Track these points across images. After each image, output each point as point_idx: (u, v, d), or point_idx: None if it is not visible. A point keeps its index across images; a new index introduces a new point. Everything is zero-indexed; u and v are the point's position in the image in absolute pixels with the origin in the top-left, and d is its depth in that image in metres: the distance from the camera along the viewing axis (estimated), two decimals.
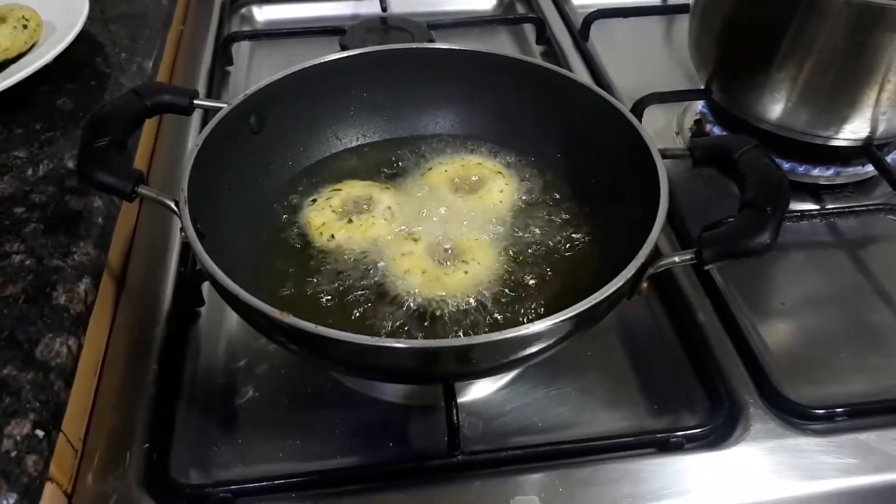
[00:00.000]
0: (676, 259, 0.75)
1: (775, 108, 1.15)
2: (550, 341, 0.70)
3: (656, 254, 0.75)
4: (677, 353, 0.95)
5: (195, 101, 0.92)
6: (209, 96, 1.34)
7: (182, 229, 0.77)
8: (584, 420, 0.88)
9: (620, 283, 0.71)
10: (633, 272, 0.72)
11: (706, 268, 0.72)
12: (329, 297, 0.86)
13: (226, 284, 0.70)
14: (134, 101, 0.88)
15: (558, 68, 1.03)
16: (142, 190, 0.80)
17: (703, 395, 0.90)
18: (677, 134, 1.35)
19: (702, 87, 1.29)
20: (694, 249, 0.74)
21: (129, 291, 0.99)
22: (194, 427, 0.86)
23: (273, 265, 0.90)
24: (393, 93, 1.07)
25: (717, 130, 1.29)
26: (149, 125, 1.21)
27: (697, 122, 1.35)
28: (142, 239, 1.06)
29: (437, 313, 0.82)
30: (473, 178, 1.01)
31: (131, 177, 0.80)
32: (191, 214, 0.77)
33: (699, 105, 1.35)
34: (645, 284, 0.75)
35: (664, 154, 0.86)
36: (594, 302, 0.69)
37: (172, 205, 0.79)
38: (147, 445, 0.80)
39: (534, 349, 0.70)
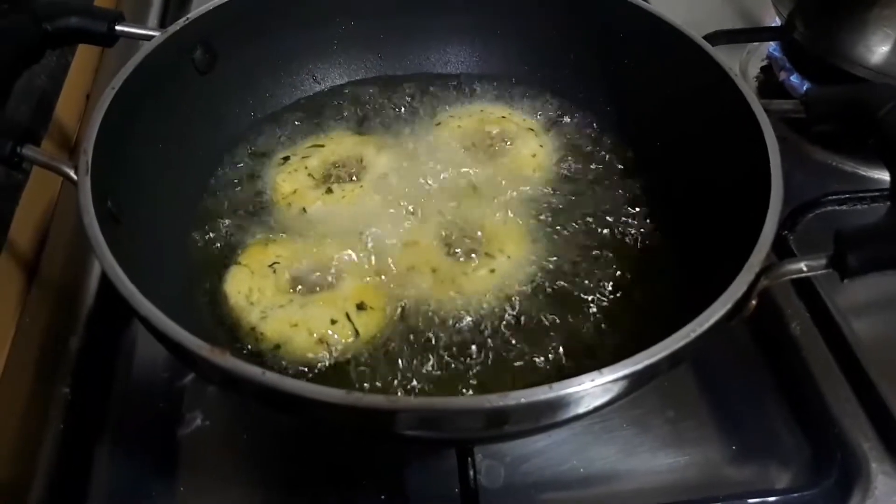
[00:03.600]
0: (803, 267, 0.52)
1: (881, 50, 0.91)
2: (621, 391, 0.48)
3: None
4: (762, 374, 0.74)
5: (117, 27, 0.69)
6: (163, 25, 1.08)
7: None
8: (639, 465, 0.68)
9: (727, 307, 0.48)
10: (743, 289, 0.49)
11: (846, 280, 0.48)
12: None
13: (134, 302, 0.47)
14: (27, 27, 0.64)
15: None
16: (27, 152, 0.57)
17: (800, 435, 0.70)
18: None
19: (776, 24, 1.07)
20: (829, 254, 0.51)
21: (43, 285, 0.76)
22: (119, 470, 0.67)
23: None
24: (389, 21, 0.85)
25: (794, 79, 1.05)
26: (85, 58, 0.95)
27: (765, 68, 1.11)
28: (63, 216, 0.83)
29: (453, 333, 0.63)
30: (497, 137, 0.79)
31: (11, 134, 0.57)
32: (95, 188, 0.56)
33: (768, 48, 1.11)
34: (753, 302, 0.52)
35: (768, 110, 0.63)
36: (691, 337, 0.46)
37: (71, 173, 0.56)
38: None
39: (598, 403, 0.48)
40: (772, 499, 0.63)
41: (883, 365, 0.70)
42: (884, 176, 0.81)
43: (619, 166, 0.77)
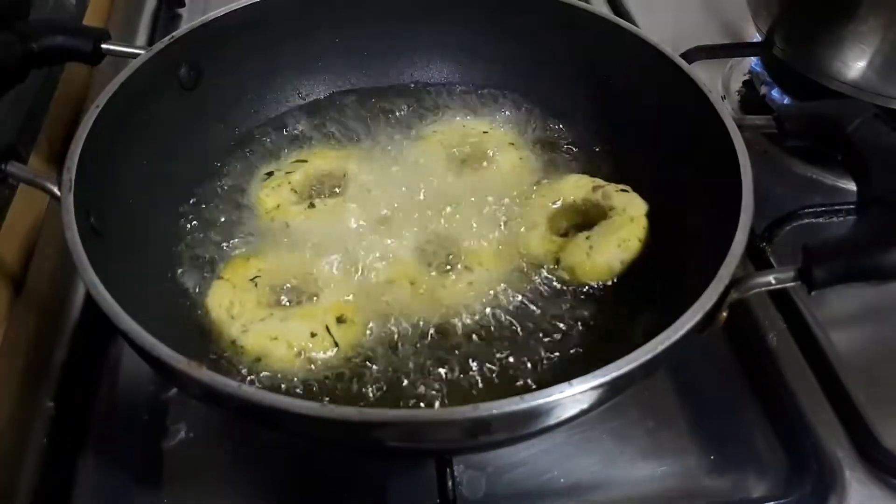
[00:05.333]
0: (772, 280, 0.53)
1: (857, 65, 0.92)
2: (593, 402, 0.49)
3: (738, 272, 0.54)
4: (740, 385, 0.74)
5: (103, 45, 0.69)
6: (152, 44, 1.09)
7: None
8: (619, 475, 0.68)
9: (696, 318, 0.49)
10: (713, 300, 0.50)
11: (814, 293, 0.49)
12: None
13: (114, 316, 0.48)
14: (12, 45, 0.65)
15: (592, 7, 0.79)
16: (11, 169, 0.58)
17: (777, 443, 0.70)
18: (723, 98, 1.12)
19: (757, 40, 1.07)
20: (797, 267, 0.52)
21: (29, 299, 0.76)
22: (103, 482, 0.66)
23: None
24: (373, 38, 0.85)
25: (775, 94, 1.07)
26: (74, 75, 0.96)
27: (747, 83, 1.12)
28: (49, 231, 0.83)
29: (431, 345, 0.63)
30: (478, 151, 0.79)
31: None
32: (78, 204, 0.58)
33: (751, 63, 1.12)
34: (724, 314, 0.53)
35: (741, 125, 0.63)
36: (659, 349, 0.47)
37: (55, 189, 0.56)
38: None
39: (570, 414, 0.48)
40: None
41: (858, 375, 0.71)
42: None
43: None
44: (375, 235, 0.69)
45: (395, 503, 0.65)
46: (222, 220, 0.72)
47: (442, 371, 0.61)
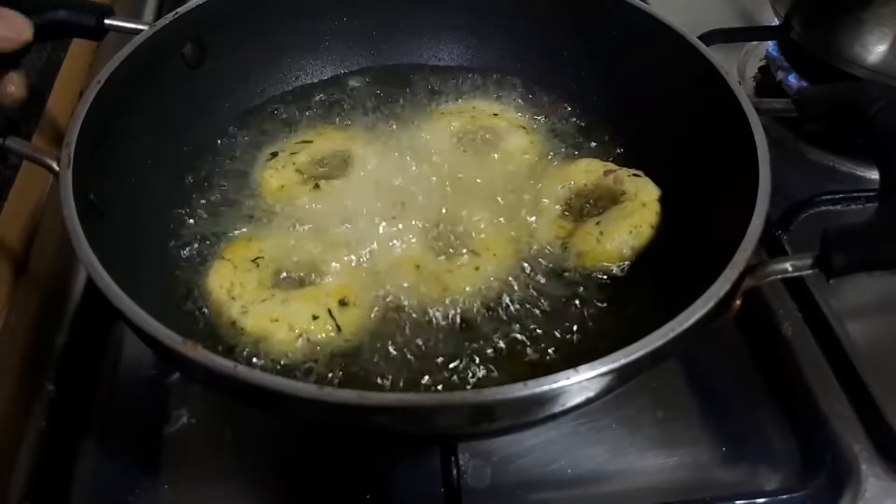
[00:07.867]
0: (789, 267, 0.51)
1: (878, 49, 0.90)
2: (600, 390, 0.47)
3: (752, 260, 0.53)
4: (753, 375, 0.73)
5: (107, 21, 0.68)
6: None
7: None
8: (628, 466, 0.67)
9: (709, 306, 0.47)
10: (727, 287, 0.48)
11: (832, 280, 0.47)
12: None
13: (110, 294, 0.46)
14: None
15: None
16: (11, 144, 0.57)
17: (790, 435, 0.68)
18: (739, 83, 1.10)
19: (774, 23, 1.05)
20: (815, 253, 0.51)
21: (31, 281, 0.75)
22: (104, 466, 0.66)
23: None
24: (382, 17, 0.84)
25: (791, 79, 1.04)
26: (78, 54, 0.95)
27: (763, 69, 1.11)
28: (51, 212, 0.82)
29: (435, 330, 0.62)
30: (488, 134, 0.77)
31: None
32: (78, 180, 0.57)
33: (767, 48, 1.10)
34: (738, 302, 0.51)
35: (759, 108, 0.61)
36: (670, 336, 0.46)
37: (54, 165, 0.56)
38: None
39: (575, 402, 0.47)
40: (761, 500, 0.62)
41: (875, 367, 0.69)
42: None
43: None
44: (380, 218, 0.67)
45: (400, 492, 0.64)
46: (225, 199, 0.71)
47: (446, 356, 0.60)
